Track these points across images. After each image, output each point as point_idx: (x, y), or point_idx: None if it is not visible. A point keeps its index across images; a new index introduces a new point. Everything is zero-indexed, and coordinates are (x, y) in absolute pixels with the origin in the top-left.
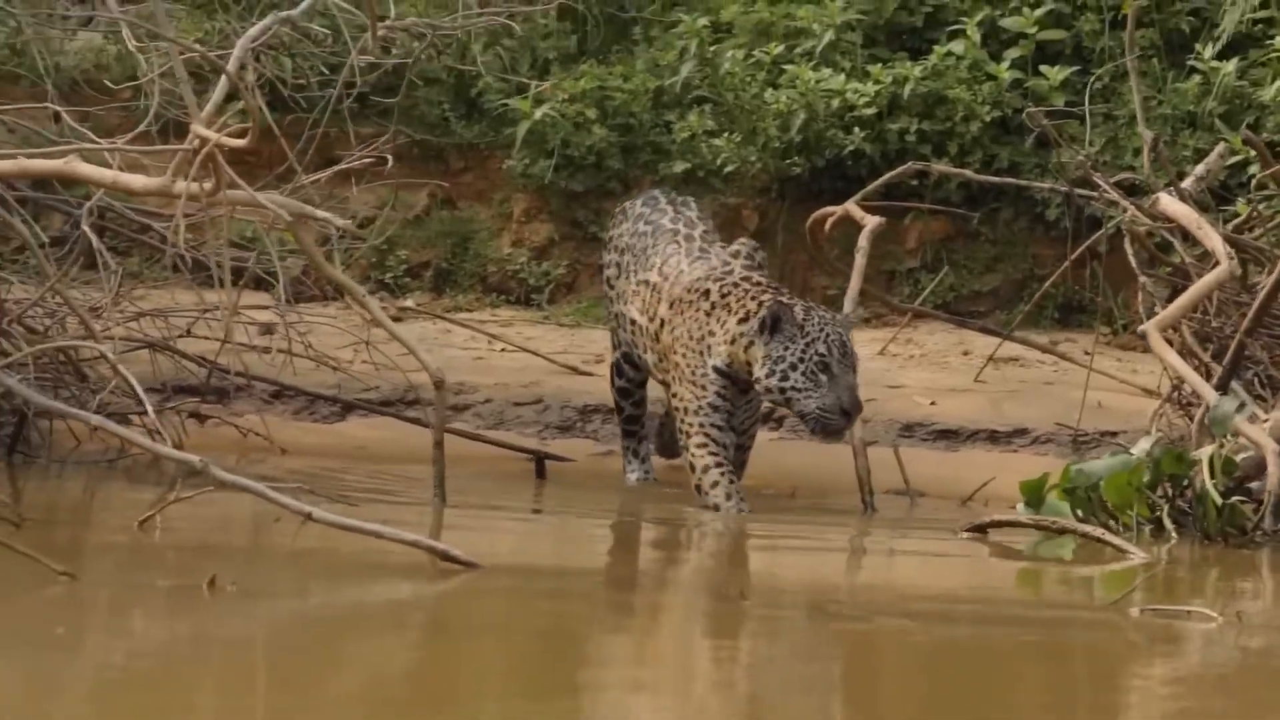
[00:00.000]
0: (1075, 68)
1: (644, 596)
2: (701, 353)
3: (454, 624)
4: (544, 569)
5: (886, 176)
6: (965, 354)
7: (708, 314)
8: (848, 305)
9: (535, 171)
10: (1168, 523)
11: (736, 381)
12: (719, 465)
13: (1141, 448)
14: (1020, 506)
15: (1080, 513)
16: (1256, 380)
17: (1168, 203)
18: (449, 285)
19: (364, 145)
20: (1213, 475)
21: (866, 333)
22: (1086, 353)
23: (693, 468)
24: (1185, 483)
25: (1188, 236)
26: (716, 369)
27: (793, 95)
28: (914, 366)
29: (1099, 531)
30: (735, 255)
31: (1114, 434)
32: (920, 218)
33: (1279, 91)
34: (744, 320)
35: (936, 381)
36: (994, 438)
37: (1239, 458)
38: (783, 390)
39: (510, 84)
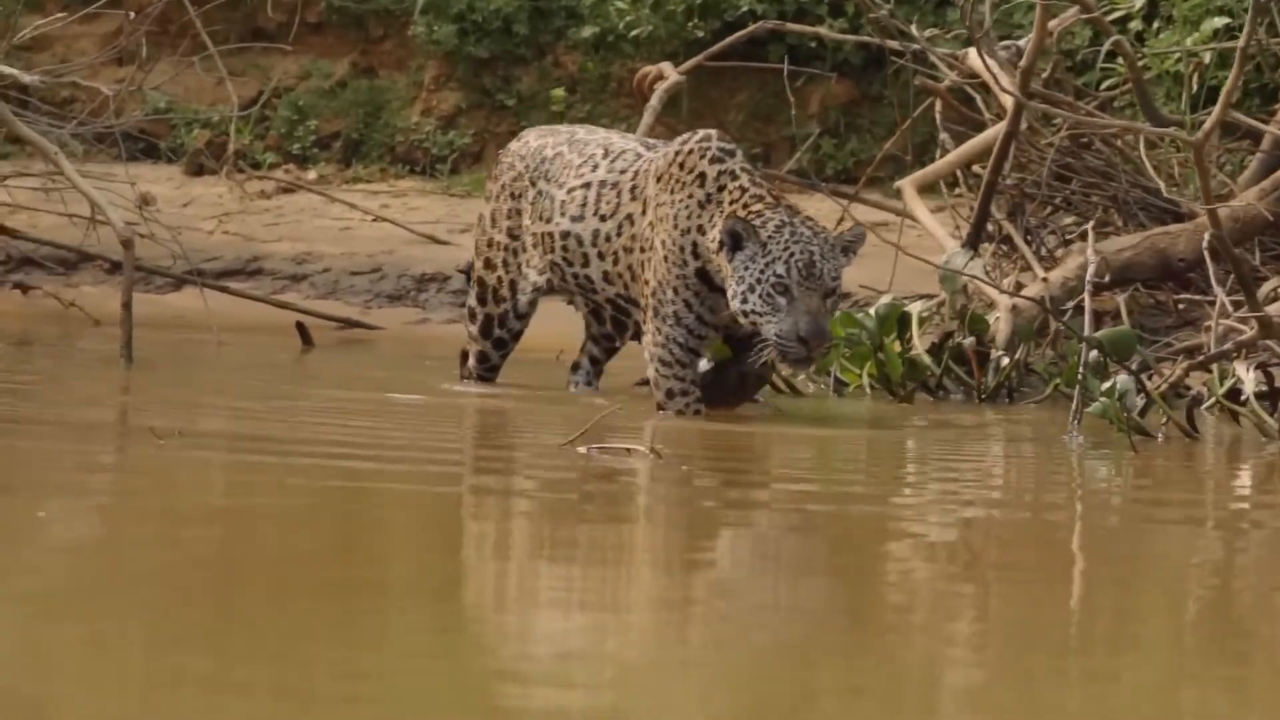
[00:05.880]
0: None
1: (87, 443)
2: (684, 248)
3: None
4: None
5: (724, 42)
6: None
7: (701, 205)
8: None
9: (439, 38)
10: (865, 379)
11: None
12: (684, 393)
13: (878, 305)
14: None
15: None
16: (1057, 237)
17: (974, 58)
18: (357, 156)
19: (282, 13)
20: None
21: None
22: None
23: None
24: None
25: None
26: (700, 272)
27: None
28: None
29: None
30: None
31: (927, 297)
32: (819, 82)
33: None
34: None
35: None
36: None
37: (993, 319)
38: (745, 314)
39: None
